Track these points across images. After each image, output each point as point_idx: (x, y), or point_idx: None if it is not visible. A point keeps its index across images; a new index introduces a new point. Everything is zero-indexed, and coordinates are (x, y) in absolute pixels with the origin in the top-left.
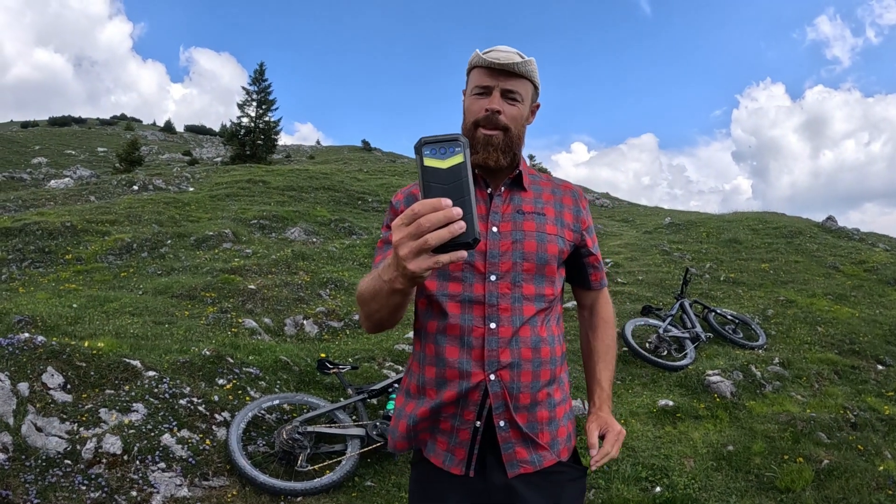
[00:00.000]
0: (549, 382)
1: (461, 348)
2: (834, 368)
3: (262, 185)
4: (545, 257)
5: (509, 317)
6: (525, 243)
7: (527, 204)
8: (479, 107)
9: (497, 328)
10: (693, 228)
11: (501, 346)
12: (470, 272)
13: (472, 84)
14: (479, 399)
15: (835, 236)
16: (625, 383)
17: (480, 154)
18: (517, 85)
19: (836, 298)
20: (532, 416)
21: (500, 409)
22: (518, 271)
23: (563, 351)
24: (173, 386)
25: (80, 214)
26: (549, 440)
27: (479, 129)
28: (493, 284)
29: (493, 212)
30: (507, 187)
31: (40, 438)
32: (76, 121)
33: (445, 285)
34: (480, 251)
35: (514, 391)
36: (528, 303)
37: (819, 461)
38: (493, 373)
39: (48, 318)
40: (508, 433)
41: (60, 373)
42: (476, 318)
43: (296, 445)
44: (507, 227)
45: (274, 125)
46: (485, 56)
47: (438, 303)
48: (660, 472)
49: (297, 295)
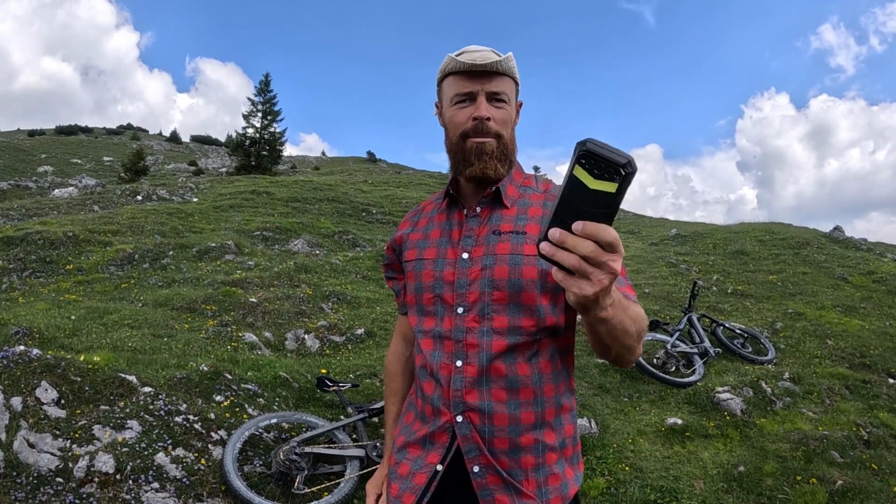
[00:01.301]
0: (536, 426)
1: (434, 384)
2: (845, 383)
3: (265, 197)
4: (519, 283)
5: (476, 353)
6: (496, 269)
7: (506, 222)
8: (465, 116)
9: (463, 366)
10: (699, 240)
11: (467, 385)
12: (441, 305)
13: (450, 93)
14: (446, 441)
15: (842, 247)
16: (632, 400)
17: (476, 165)
18: (501, 85)
19: (846, 310)
20: (514, 462)
21: (472, 454)
22: (487, 301)
23: (562, 390)
24: (169, 403)
25: (83, 224)
26: (535, 488)
27: (469, 140)
28: (460, 318)
29: (465, 236)
30: (486, 205)
31: (32, 455)
32: (83, 130)
33: (422, 321)
34: (449, 282)
35: (488, 435)
36: (500, 337)
37: (833, 482)
38: (460, 414)
39: (46, 329)
40: (485, 479)
41: (55, 387)
42: (445, 354)
43: (293, 466)
44: (479, 252)
45: (279, 136)
46: (460, 59)
47: (417, 339)
48: (668, 494)
49: (299, 308)
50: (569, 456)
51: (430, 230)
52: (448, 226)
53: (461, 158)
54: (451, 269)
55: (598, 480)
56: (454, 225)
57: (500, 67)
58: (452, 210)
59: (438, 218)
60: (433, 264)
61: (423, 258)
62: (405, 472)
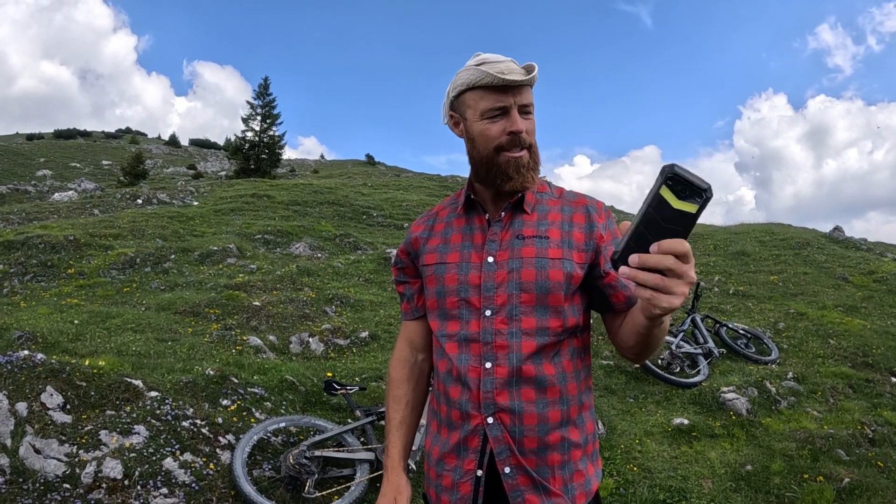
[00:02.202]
0: (563, 424)
1: (462, 388)
2: (848, 382)
3: (266, 200)
4: (546, 286)
5: (506, 354)
6: (522, 272)
7: (528, 227)
8: (499, 130)
9: (493, 368)
10: (700, 241)
11: (498, 387)
12: (466, 309)
13: (479, 106)
14: (478, 445)
15: (842, 247)
16: (638, 401)
17: (516, 179)
18: (528, 96)
19: (847, 310)
20: (542, 459)
21: (503, 455)
22: (515, 304)
23: (583, 389)
24: (176, 407)
25: (84, 228)
26: (561, 485)
27: (503, 154)
28: (488, 320)
29: (489, 240)
30: (508, 211)
31: (38, 461)
32: (81, 134)
33: (445, 325)
34: (475, 285)
35: (518, 435)
36: (529, 338)
37: (840, 480)
38: (491, 415)
39: (49, 334)
40: (516, 480)
41: (60, 392)
42: (473, 357)
43: (303, 471)
44: (504, 256)
45: (278, 139)
46: (491, 71)
47: (440, 343)
48: (678, 493)
49: (303, 312)
50: (590, 453)
51: (449, 234)
52: (469, 230)
53: (498, 172)
54: (477, 272)
55: (608, 481)
56: (476, 229)
57: (531, 81)
58: (472, 215)
59: (458, 222)
60: (457, 268)
61: (446, 262)
62: (449, 483)
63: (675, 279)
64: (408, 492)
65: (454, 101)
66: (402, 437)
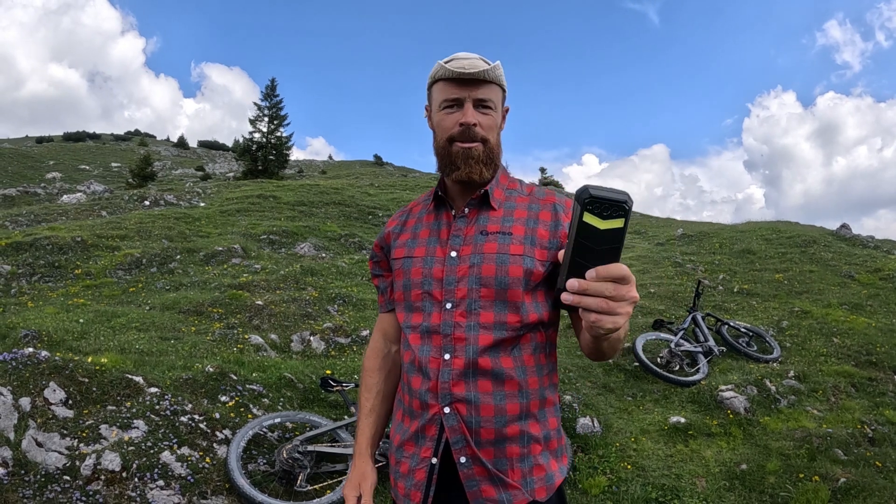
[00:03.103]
0: (522, 417)
1: (422, 378)
2: (851, 381)
3: (272, 201)
4: (506, 281)
5: (463, 347)
6: (483, 267)
7: (493, 223)
8: (452, 121)
9: (451, 359)
10: (706, 239)
11: (455, 378)
12: (429, 301)
13: (438, 98)
14: (435, 433)
15: (849, 244)
16: (636, 399)
17: (462, 169)
18: (488, 92)
19: (852, 308)
20: (500, 451)
21: (459, 445)
22: (474, 298)
23: (546, 384)
24: (175, 403)
25: (91, 229)
26: (520, 478)
27: (455, 144)
28: (448, 313)
29: (454, 235)
30: (474, 207)
31: (40, 454)
32: (91, 136)
33: (410, 316)
34: (438, 279)
35: (474, 425)
36: (486, 332)
37: (836, 479)
38: (448, 405)
39: (55, 332)
40: (472, 470)
41: (62, 388)
42: (434, 348)
43: (296, 465)
44: (468, 251)
45: (286, 140)
46: (449, 66)
47: (405, 335)
48: (670, 492)
49: (305, 311)
50: (553, 448)
51: (418, 230)
52: (437, 226)
53: (448, 161)
54: (440, 266)
55: (600, 479)
56: (443, 225)
57: (487, 76)
58: (441, 211)
59: (427, 218)
60: (422, 262)
61: (413, 256)
62: (406, 469)
63: (617, 302)
64: (372, 478)
65: (427, 95)
66: (371, 426)
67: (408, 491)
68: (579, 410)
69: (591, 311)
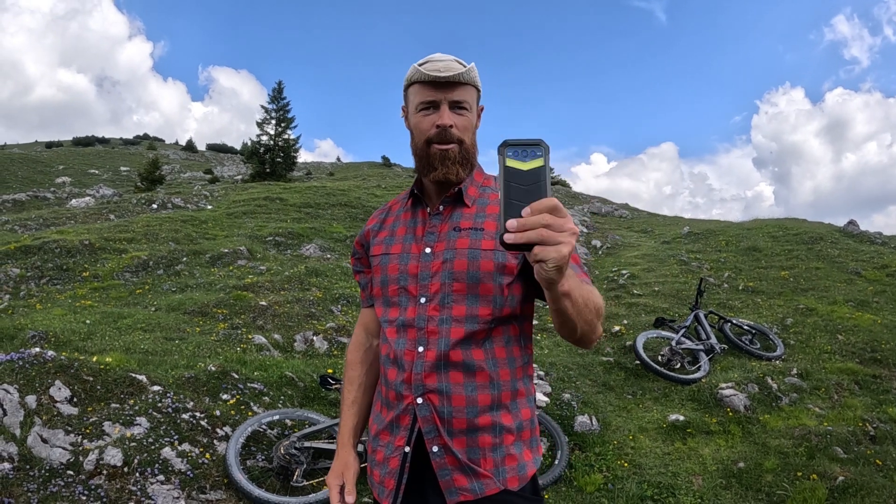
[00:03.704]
0: (493, 408)
1: (398, 370)
2: (854, 378)
3: (279, 203)
4: (477, 275)
5: (436, 339)
6: (455, 262)
7: (465, 220)
8: (429, 123)
9: (424, 352)
10: (712, 237)
11: (427, 369)
12: (405, 296)
13: (414, 101)
14: (409, 423)
15: (856, 241)
16: (636, 397)
17: (440, 170)
18: (463, 94)
19: (858, 305)
20: (472, 441)
21: (431, 434)
22: (447, 292)
23: (518, 376)
24: (177, 400)
25: (99, 233)
26: (492, 467)
27: (433, 146)
28: (422, 307)
29: (428, 232)
30: (448, 204)
31: (45, 449)
32: (100, 141)
33: (387, 311)
34: (413, 274)
35: (446, 415)
36: (458, 325)
37: (834, 478)
38: (421, 396)
39: (62, 333)
40: (444, 459)
41: (68, 386)
42: (409, 341)
43: (293, 461)
44: (441, 247)
45: (293, 143)
46: (424, 69)
47: (383, 329)
48: (666, 490)
49: (309, 311)
50: (526, 439)
51: (396, 227)
52: (413, 223)
53: (426, 163)
54: (415, 262)
55: (596, 476)
56: (418, 222)
57: (462, 78)
58: (417, 209)
59: (404, 216)
60: (399, 258)
61: (390, 253)
62: (381, 458)
63: (555, 231)
64: (355, 467)
65: (404, 95)
66: (353, 416)
67: (382, 478)
68: (578, 408)
69: (533, 245)
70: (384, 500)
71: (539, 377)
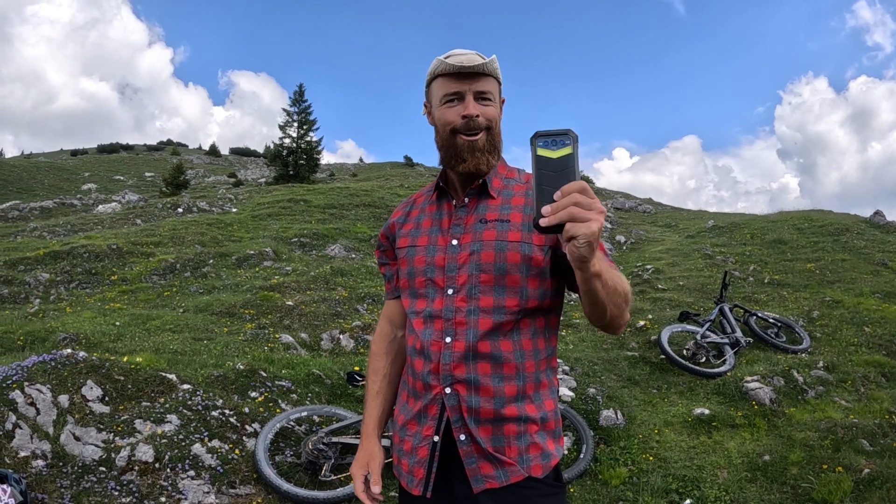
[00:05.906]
0: (518, 398)
1: (425, 361)
2: (881, 371)
3: (303, 204)
4: (504, 267)
5: (464, 330)
6: (482, 254)
7: (491, 211)
8: (455, 114)
9: (452, 342)
10: (737, 230)
11: (455, 360)
12: (432, 287)
13: (439, 94)
14: (437, 413)
15: (883, 231)
16: (661, 392)
17: (469, 161)
18: (486, 84)
19: (885, 296)
20: (498, 429)
21: (458, 423)
22: (475, 283)
23: (542, 368)
24: (206, 398)
25: (126, 237)
26: (516, 455)
27: (459, 136)
28: (450, 299)
29: (454, 224)
30: (473, 196)
31: (77, 447)
32: (124, 147)
33: (414, 303)
34: (440, 266)
35: (473, 405)
36: (486, 316)
37: (859, 470)
38: (449, 386)
39: (92, 335)
40: (470, 447)
41: (99, 386)
42: (436, 332)
43: (321, 455)
44: (468, 239)
45: (316, 145)
46: (449, 61)
47: (410, 320)
48: (691, 483)
49: (335, 310)
50: (550, 429)
51: (421, 220)
52: (438, 215)
53: (453, 154)
54: (442, 254)
55: (621, 470)
56: (444, 214)
57: (485, 69)
58: (442, 201)
59: (429, 209)
60: (425, 251)
61: (416, 245)
62: (409, 447)
63: (585, 209)
64: (380, 457)
65: (426, 91)
66: (378, 407)
67: (411, 468)
68: (603, 403)
69: (564, 223)
70: (414, 489)
71: (564, 372)
